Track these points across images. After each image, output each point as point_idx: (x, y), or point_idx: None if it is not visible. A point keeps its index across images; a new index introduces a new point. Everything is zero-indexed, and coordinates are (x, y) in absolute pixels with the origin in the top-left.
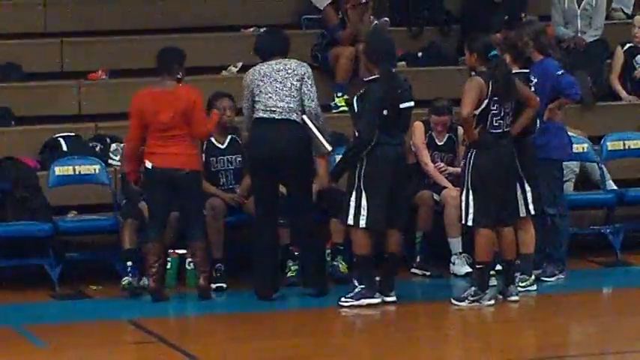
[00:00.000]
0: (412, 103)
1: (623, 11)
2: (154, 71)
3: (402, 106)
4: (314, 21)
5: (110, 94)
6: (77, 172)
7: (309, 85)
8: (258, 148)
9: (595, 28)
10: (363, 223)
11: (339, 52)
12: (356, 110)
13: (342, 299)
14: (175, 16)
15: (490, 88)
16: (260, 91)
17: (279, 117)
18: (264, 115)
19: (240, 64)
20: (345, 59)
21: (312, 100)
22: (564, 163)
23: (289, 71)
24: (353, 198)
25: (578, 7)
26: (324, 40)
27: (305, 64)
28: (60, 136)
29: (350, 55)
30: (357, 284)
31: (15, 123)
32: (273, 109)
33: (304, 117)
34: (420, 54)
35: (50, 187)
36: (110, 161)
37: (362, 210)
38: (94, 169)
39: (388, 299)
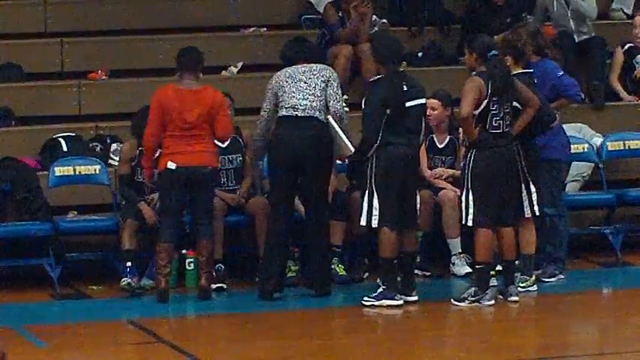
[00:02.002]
0: (422, 101)
1: (623, 11)
2: (153, 71)
3: (408, 104)
4: (314, 21)
5: (110, 94)
6: (77, 173)
7: (334, 87)
8: (281, 145)
9: (584, 27)
10: (375, 222)
11: (337, 52)
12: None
13: (365, 298)
14: (176, 16)
15: (489, 88)
16: (284, 92)
17: (302, 114)
18: (287, 113)
19: (240, 64)
20: (344, 58)
21: (338, 102)
22: (574, 163)
23: (314, 72)
24: (366, 199)
25: (568, 7)
26: (324, 39)
27: (330, 67)
28: (60, 136)
29: (348, 55)
30: (380, 284)
31: (15, 123)
32: (296, 106)
33: (329, 117)
34: (420, 54)
35: (50, 187)
36: (110, 161)
37: (374, 210)
38: (94, 170)
39: (410, 299)
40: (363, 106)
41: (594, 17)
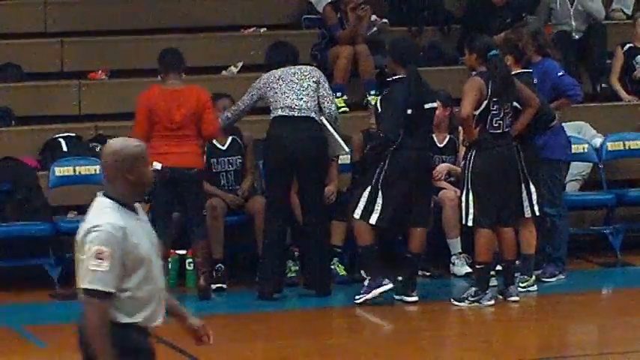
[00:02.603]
0: (436, 104)
1: (623, 11)
2: (154, 71)
3: (426, 106)
4: (314, 21)
5: (110, 94)
6: (77, 173)
7: (326, 88)
8: (279, 145)
9: (584, 27)
10: (373, 220)
11: (338, 52)
12: (379, 110)
13: (356, 297)
14: (175, 16)
15: (489, 88)
16: (276, 92)
17: (299, 114)
18: (283, 114)
19: (240, 64)
20: (344, 59)
21: (332, 103)
22: (573, 162)
23: (305, 73)
24: (366, 194)
25: (571, 6)
26: (324, 39)
27: (317, 68)
28: (60, 137)
29: (348, 56)
30: (365, 277)
31: (15, 123)
32: (292, 107)
33: (322, 119)
34: (420, 54)
35: (50, 187)
36: None
37: (376, 207)
38: (94, 170)
39: (410, 299)
40: (379, 105)
41: (603, 16)
